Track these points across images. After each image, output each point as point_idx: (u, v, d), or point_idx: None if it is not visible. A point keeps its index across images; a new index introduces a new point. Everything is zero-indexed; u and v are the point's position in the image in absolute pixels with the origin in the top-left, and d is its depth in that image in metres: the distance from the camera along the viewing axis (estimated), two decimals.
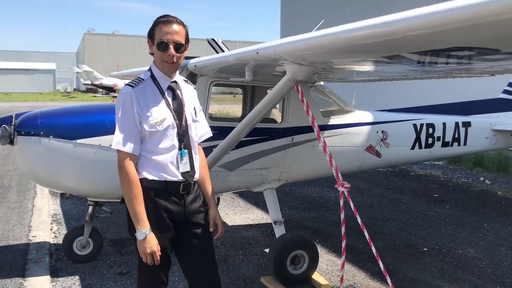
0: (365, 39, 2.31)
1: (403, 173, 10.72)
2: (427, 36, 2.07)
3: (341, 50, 2.60)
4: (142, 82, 2.71)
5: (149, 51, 2.80)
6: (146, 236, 2.62)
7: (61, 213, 7.00)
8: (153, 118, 2.67)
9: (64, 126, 4.46)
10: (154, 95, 2.72)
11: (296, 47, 2.90)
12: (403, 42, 2.24)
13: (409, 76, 4.37)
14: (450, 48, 2.22)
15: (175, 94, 2.80)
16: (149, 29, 2.73)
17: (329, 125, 5.54)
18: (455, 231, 6.44)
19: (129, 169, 2.64)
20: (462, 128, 6.75)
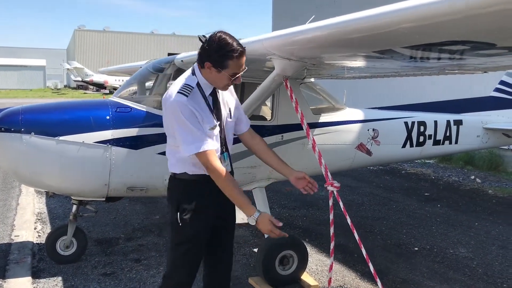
0: (356, 32, 2.22)
1: (394, 172, 10.67)
2: (420, 29, 1.97)
3: (332, 44, 2.50)
4: (192, 90, 2.74)
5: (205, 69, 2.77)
6: (256, 220, 2.74)
7: (46, 212, 6.85)
8: (207, 125, 2.76)
9: (46, 122, 4.32)
10: (202, 102, 2.78)
11: (285, 41, 2.80)
12: (395, 36, 2.14)
13: (400, 73, 4.29)
14: (443, 42, 2.13)
15: (215, 100, 2.87)
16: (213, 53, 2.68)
17: (319, 122, 5.45)
18: (446, 230, 6.38)
19: (218, 165, 2.74)
20: (453, 126, 6.71)
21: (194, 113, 2.68)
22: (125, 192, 4.62)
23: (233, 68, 2.69)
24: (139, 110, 4.60)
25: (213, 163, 2.72)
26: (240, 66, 2.71)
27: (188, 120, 2.67)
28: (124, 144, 4.45)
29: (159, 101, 4.95)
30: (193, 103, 2.70)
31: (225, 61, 2.67)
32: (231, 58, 2.66)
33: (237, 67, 2.70)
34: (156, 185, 4.63)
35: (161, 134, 4.62)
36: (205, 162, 2.73)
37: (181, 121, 2.68)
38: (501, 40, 2.06)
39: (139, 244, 5.55)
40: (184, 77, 2.83)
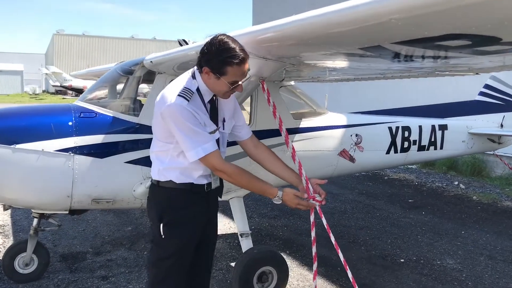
0: (340, 26, 1.91)
1: (377, 178, 10.44)
2: (415, 20, 1.68)
3: (313, 41, 2.20)
4: (192, 94, 2.58)
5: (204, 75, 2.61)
6: (281, 199, 2.76)
7: (9, 224, 6.40)
8: (208, 128, 2.64)
9: (2, 129, 3.92)
10: (201, 107, 2.64)
11: (259, 38, 2.49)
12: (385, 29, 1.84)
13: (386, 75, 4.01)
14: (441, 37, 1.83)
15: (213, 108, 2.73)
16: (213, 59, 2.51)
17: (300, 128, 5.15)
18: (432, 239, 6.13)
19: (225, 164, 2.65)
20: (438, 131, 6.48)
21: (194, 115, 2.54)
22: (90, 205, 4.24)
23: (233, 76, 2.52)
24: (105, 115, 4.23)
25: (220, 164, 2.62)
26: (241, 73, 2.53)
27: (189, 122, 2.52)
28: (88, 152, 4.08)
29: (128, 105, 4.60)
30: (194, 107, 2.56)
31: (225, 67, 2.49)
32: (231, 65, 2.47)
33: (237, 75, 2.52)
34: (124, 197, 4.26)
35: (129, 141, 4.29)
36: (211, 165, 2.61)
37: (182, 124, 2.52)
38: (508, 34, 1.77)
39: (108, 259, 5.16)
40: (184, 80, 2.64)
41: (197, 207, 2.75)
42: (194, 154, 2.54)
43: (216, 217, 3.07)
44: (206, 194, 2.77)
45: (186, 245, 2.74)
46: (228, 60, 2.45)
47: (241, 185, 2.79)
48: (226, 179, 2.71)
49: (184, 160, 2.61)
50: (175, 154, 2.64)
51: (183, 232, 2.70)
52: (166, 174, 2.68)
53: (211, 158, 2.57)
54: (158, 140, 2.68)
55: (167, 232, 2.66)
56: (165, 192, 2.71)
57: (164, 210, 2.70)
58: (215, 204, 2.98)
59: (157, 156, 2.71)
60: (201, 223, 2.80)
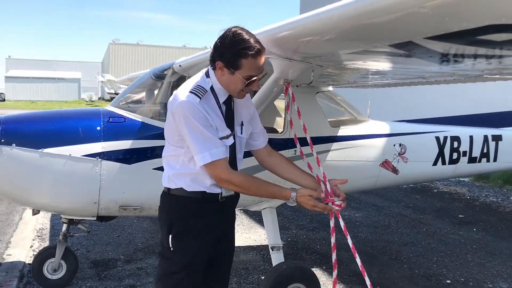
0: (361, 17, 1.67)
1: (425, 190, 9.90)
2: (449, 7, 1.41)
3: (334, 37, 1.96)
4: (205, 93, 2.40)
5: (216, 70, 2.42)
6: (296, 200, 2.50)
7: (48, 228, 6.47)
8: (220, 133, 2.43)
9: (29, 133, 3.90)
10: (215, 109, 2.45)
11: (280, 35, 2.27)
12: (416, 20, 1.58)
13: (428, 79, 3.68)
14: (483, 29, 1.55)
15: (229, 109, 2.52)
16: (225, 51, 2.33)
17: (338, 136, 4.86)
18: (483, 259, 5.64)
19: (231, 174, 2.44)
20: (491, 142, 5.99)
21: (206, 117, 2.36)
22: (118, 211, 4.15)
23: (248, 69, 2.31)
24: (134, 121, 4.14)
25: (226, 173, 2.40)
26: (257, 67, 2.32)
27: (199, 122, 2.33)
28: (116, 158, 3.99)
29: (157, 110, 4.50)
30: (206, 106, 2.37)
31: (239, 60, 2.30)
32: (245, 57, 2.28)
33: (253, 69, 2.32)
34: (152, 204, 4.11)
35: (158, 147, 4.17)
36: (216, 173, 2.40)
37: (191, 124, 2.32)
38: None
39: (138, 268, 5.05)
40: (197, 78, 2.48)
41: (210, 218, 2.54)
42: (201, 159, 2.35)
43: (233, 230, 2.82)
44: (220, 204, 2.55)
45: (196, 260, 2.51)
46: (243, 52, 2.26)
47: (252, 193, 2.56)
48: (233, 189, 2.49)
49: (196, 166, 2.42)
50: (186, 160, 2.44)
51: (193, 245, 2.48)
52: (176, 181, 2.49)
53: (217, 166, 2.38)
54: (170, 145, 2.51)
55: (176, 245, 2.47)
56: (175, 201, 2.52)
57: (173, 220, 2.51)
58: (231, 216, 2.74)
59: (168, 161, 2.54)
60: (213, 236, 2.57)
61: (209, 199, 2.49)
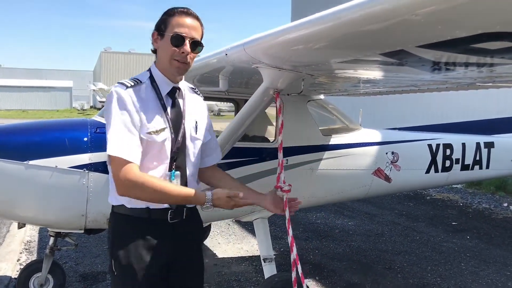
0: (350, 26, 1.61)
1: (418, 197, 9.86)
2: (443, 15, 1.36)
3: (322, 46, 1.90)
4: (139, 84, 2.21)
5: (152, 47, 2.31)
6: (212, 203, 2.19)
7: (36, 241, 6.33)
8: (150, 126, 2.17)
9: (13, 144, 3.79)
10: (152, 100, 2.22)
11: (270, 44, 2.21)
12: (408, 28, 1.53)
13: (421, 87, 3.64)
14: (476, 37, 1.50)
15: (174, 102, 2.30)
16: (158, 20, 2.25)
17: (330, 144, 4.81)
18: (477, 268, 5.60)
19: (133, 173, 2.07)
20: (484, 149, 5.98)
21: (129, 108, 2.12)
22: (106, 224, 4.04)
23: (173, 26, 2.16)
24: None
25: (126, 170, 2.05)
26: (184, 25, 2.16)
27: (122, 114, 2.10)
28: (103, 169, 3.87)
29: None
30: (134, 96, 2.15)
31: (166, 20, 2.19)
32: (172, 15, 2.18)
33: (179, 25, 2.15)
34: None
35: None
36: (115, 170, 2.08)
37: (112, 115, 2.10)
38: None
39: None
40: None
41: (156, 241, 2.23)
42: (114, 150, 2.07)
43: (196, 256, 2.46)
44: (170, 225, 2.25)
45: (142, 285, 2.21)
46: (170, 12, 2.20)
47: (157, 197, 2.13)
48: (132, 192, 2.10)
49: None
50: None
51: (135, 273, 2.18)
52: (117, 196, 2.20)
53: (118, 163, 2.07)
54: None
55: (119, 270, 2.21)
56: (116, 220, 2.25)
57: (114, 243, 2.24)
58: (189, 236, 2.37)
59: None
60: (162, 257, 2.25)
61: (153, 218, 2.20)
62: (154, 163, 2.21)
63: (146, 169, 2.19)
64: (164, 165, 2.23)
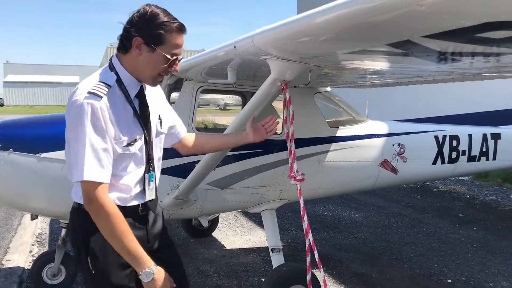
0: (357, 17, 1.65)
1: (425, 190, 9.89)
2: (447, 4, 1.40)
3: (330, 37, 1.94)
4: (108, 89, 2.03)
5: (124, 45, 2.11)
6: (153, 277, 2.06)
7: (47, 233, 6.44)
8: (125, 138, 2.08)
9: (26, 138, 3.88)
10: (123, 106, 2.09)
11: (279, 36, 2.25)
12: (414, 18, 1.57)
13: (427, 78, 3.67)
14: (481, 26, 1.54)
15: (143, 103, 2.18)
16: (146, 27, 2.03)
17: (337, 136, 4.85)
18: (484, 258, 5.63)
19: (105, 200, 1.99)
20: (490, 141, 5.98)
21: (104, 124, 1.98)
22: None
23: (171, 46, 2.04)
24: None
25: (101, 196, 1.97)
26: (180, 45, 2.08)
27: (91, 131, 1.94)
28: None
29: None
30: (107, 107, 1.99)
31: (162, 35, 2.01)
32: (170, 31, 2.02)
33: (178, 47, 2.06)
34: None
35: None
36: (88, 193, 1.97)
37: (83, 132, 1.94)
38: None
39: None
40: (97, 74, 2.13)
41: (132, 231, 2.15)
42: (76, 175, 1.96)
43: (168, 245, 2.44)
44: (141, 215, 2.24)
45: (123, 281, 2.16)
46: (167, 25, 2.00)
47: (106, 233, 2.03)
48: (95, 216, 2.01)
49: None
50: None
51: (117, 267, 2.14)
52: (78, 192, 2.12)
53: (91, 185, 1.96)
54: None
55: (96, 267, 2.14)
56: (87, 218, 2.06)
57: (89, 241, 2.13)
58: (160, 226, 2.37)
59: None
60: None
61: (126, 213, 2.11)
62: (132, 169, 2.16)
63: (121, 176, 2.12)
64: (141, 169, 2.19)
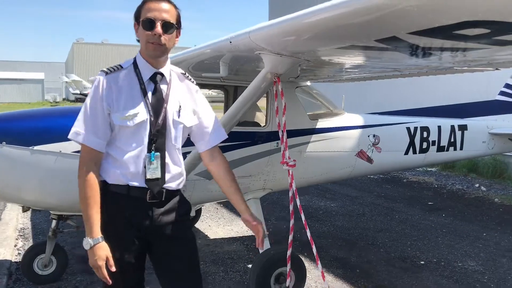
0: (354, 15, 1.88)
1: (395, 180, 10.31)
2: (433, 5, 1.64)
3: (327, 34, 2.17)
4: (119, 70, 2.35)
5: (136, 38, 2.41)
6: (91, 247, 2.24)
7: (29, 227, 6.47)
8: (124, 111, 2.29)
9: (19, 131, 3.95)
10: (131, 85, 2.34)
11: (275, 32, 2.46)
12: (402, 17, 1.81)
13: (403, 72, 3.95)
14: (459, 24, 1.79)
15: (156, 87, 2.38)
16: (135, 11, 2.36)
17: (317, 128, 5.11)
18: (453, 241, 6.01)
19: (86, 166, 2.28)
20: (458, 132, 6.37)
21: (103, 93, 2.27)
22: None
23: (146, 11, 2.27)
24: None
25: (82, 161, 2.30)
26: (155, 9, 2.27)
27: (91, 99, 2.30)
28: None
29: None
30: (111, 81, 2.30)
31: (140, 8, 2.32)
32: (144, 2, 2.31)
33: (150, 10, 2.27)
34: None
35: None
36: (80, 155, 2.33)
37: (88, 99, 2.33)
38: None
39: None
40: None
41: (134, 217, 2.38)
42: (72, 134, 2.32)
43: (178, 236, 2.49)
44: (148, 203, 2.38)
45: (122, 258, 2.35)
46: (142, 1, 2.34)
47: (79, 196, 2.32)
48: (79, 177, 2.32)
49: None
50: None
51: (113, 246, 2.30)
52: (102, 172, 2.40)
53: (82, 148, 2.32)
54: None
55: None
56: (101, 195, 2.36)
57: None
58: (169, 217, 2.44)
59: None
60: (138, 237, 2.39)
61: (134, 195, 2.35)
62: (132, 145, 2.33)
63: (124, 152, 2.32)
64: (142, 147, 2.33)
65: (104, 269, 2.24)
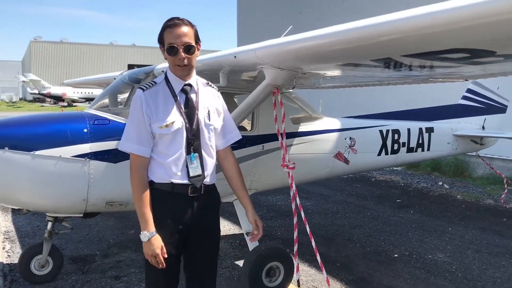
0: (360, 41, 2.21)
1: (364, 179, 10.81)
2: (428, 37, 1.98)
3: (332, 55, 2.49)
4: (154, 86, 2.70)
5: (164, 57, 2.75)
6: (149, 239, 2.61)
7: (13, 230, 6.53)
8: (162, 121, 2.64)
9: (21, 136, 4.10)
10: (166, 98, 2.69)
11: (281, 51, 2.76)
12: (400, 44, 2.15)
13: (383, 82, 4.34)
14: (447, 50, 2.15)
15: (188, 97, 2.73)
16: (158, 35, 2.68)
17: (298, 132, 5.46)
18: (422, 236, 6.49)
19: (136, 170, 2.67)
20: (425, 134, 6.87)
21: (143, 107, 2.63)
22: (104, 207, 4.46)
23: (168, 38, 2.60)
24: (118, 122, 4.45)
25: (132, 167, 2.68)
26: (174, 35, 2.57)
27: (133, 113, 2.66)
28: (103, 158, 4.29)
29: None
30: (148, 96, 2.65)
31: (161, 36, 2.64)
32: (164, 29, 2.63)
33: (172, 37, 2.58)
34: None
35: None
36: (130, 163, 2.70)
37: (130, 113, 2.69)
38: (502, 47, 2.09)
39: (117, 261, 5.36)
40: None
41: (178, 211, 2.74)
42: (122, 145, 2.70)
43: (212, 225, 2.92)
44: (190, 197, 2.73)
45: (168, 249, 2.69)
46: (164, 26, 2.62)
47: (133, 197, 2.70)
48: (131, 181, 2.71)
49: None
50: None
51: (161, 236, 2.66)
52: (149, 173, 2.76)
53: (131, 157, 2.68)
54: None
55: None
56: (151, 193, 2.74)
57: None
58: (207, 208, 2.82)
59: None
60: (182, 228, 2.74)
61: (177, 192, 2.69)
62: (172, 149, 2.69)
63: (166, 155, 2.68)
64: (181, 150, 2.69)
65: (161, 256, 2.61)
